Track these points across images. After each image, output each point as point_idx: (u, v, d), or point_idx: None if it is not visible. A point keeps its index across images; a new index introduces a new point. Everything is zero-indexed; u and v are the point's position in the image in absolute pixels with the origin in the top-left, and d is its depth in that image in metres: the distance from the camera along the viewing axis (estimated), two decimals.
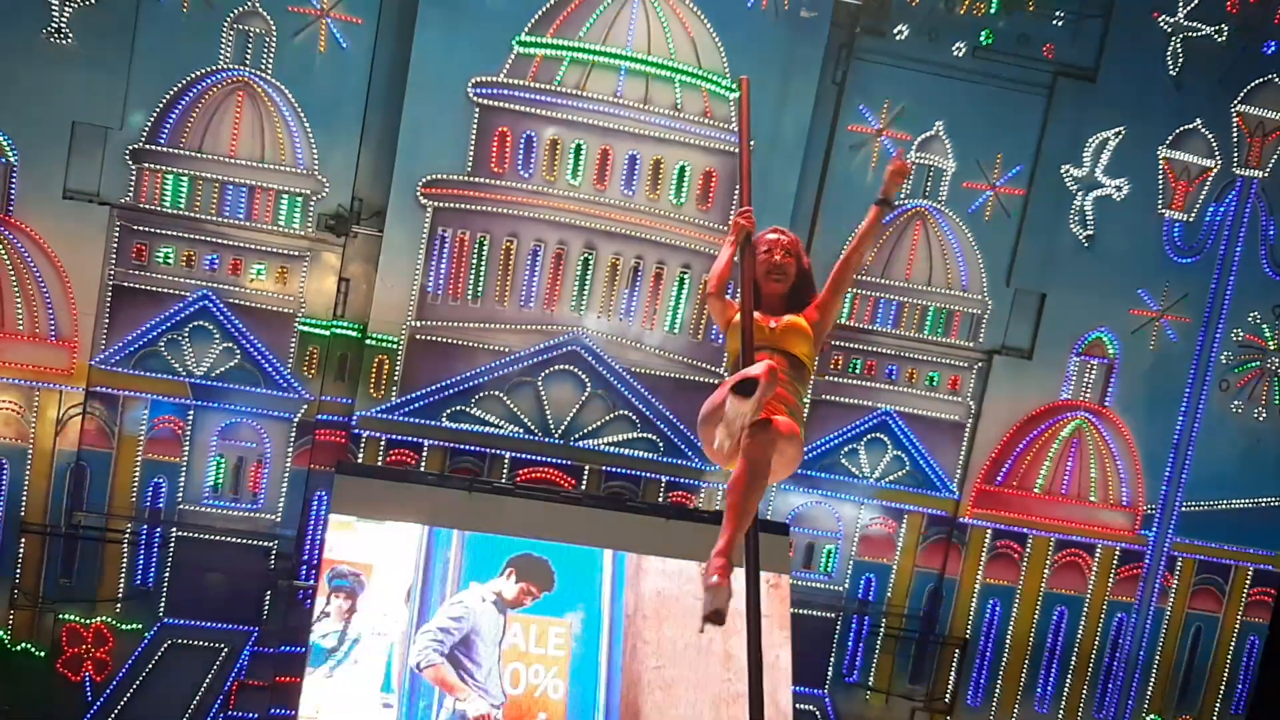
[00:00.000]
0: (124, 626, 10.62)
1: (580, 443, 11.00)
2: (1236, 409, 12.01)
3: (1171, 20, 11.24)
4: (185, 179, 10.35)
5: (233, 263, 10.55)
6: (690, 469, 11.15)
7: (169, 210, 10.36)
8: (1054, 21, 11.08)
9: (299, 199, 10.56)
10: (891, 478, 11.70)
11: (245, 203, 10.48)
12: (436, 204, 10.54)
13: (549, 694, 9.55)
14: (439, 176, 10.50)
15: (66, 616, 10.53)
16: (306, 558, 10.76)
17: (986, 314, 11.58)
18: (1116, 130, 11.36)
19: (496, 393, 10.83)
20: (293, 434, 10.81)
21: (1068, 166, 11.40)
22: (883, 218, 5.51)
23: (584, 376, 10.94)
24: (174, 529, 10.66)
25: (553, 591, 9.83)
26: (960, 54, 11.07)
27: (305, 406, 10.78)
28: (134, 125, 10.16)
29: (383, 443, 10.78)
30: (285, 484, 10.84)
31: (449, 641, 9.43)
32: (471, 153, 10.51)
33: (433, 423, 10.78)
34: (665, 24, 10.56)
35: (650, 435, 11.09)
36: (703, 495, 11.21)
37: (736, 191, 7.76)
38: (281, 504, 10.86)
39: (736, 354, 5.30)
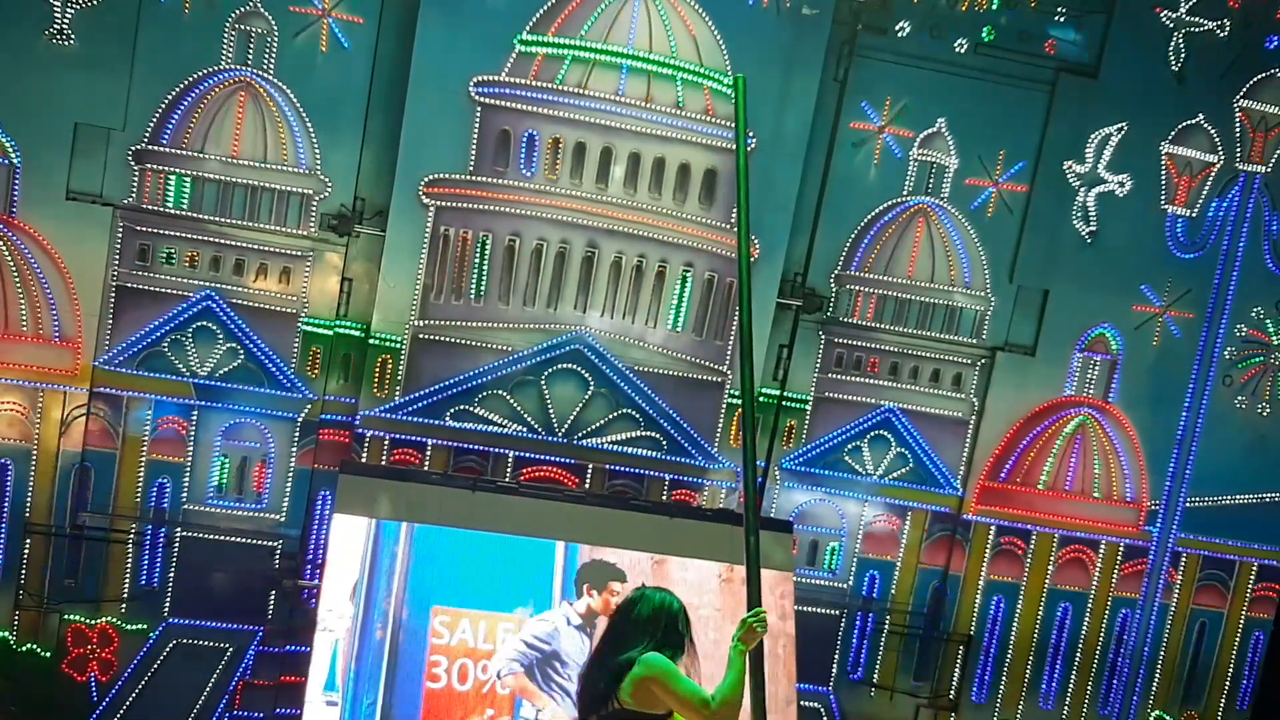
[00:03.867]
0: (129, 627, 10.64)
1: (584, 441, 11.00)
2: (1240, 404, 12.01)
3: (1173, 15, 11.24)
4: (187, 179, 10.37)
5: (235, 262, 10.56)
6: (694, 467, 11.16)
7: (171, 211, 10.37)
8: (1055, 17, 11.10)
9: (301, 199, 10.57)
10: (895, 475, 11.70)
11: (247, 203, 10.49)
12: (439, 203, 10.55)
13: (497, 689, 9.40)
14: (441, 176, 10.51)
15: (71, 617, 10.55)
16: (311, 557, 10.77)
17: (989, 311, 11.59)
18: (1119, 126, 11.36)
19: (500, 392, 10.84)
20: (296, 434, 10.83)
21: (1070, 163, 11.40)
22: None
23: (587, 375, 10.94)
24: (178, 529, 10.67)
25: (626, 580, 9.73)
26: (962, 50, 11.07)
27: (309, 406, 10.79)
28: (135, 126, 10.17)
29: (386, 442, 10.79)
30: (289, 484, 10.86)
31: (532, 656, 9.23)
32: (473, 152, 10.52)
33: (436, 422, 10.79)
34: (666, 22, 10.56)
35: (654, 434, 11.09)
36: (706, 494, 11.21)
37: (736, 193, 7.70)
38: (286, 504, 10.88)
39: None
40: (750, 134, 10.46)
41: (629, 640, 5.55)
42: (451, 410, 10.80)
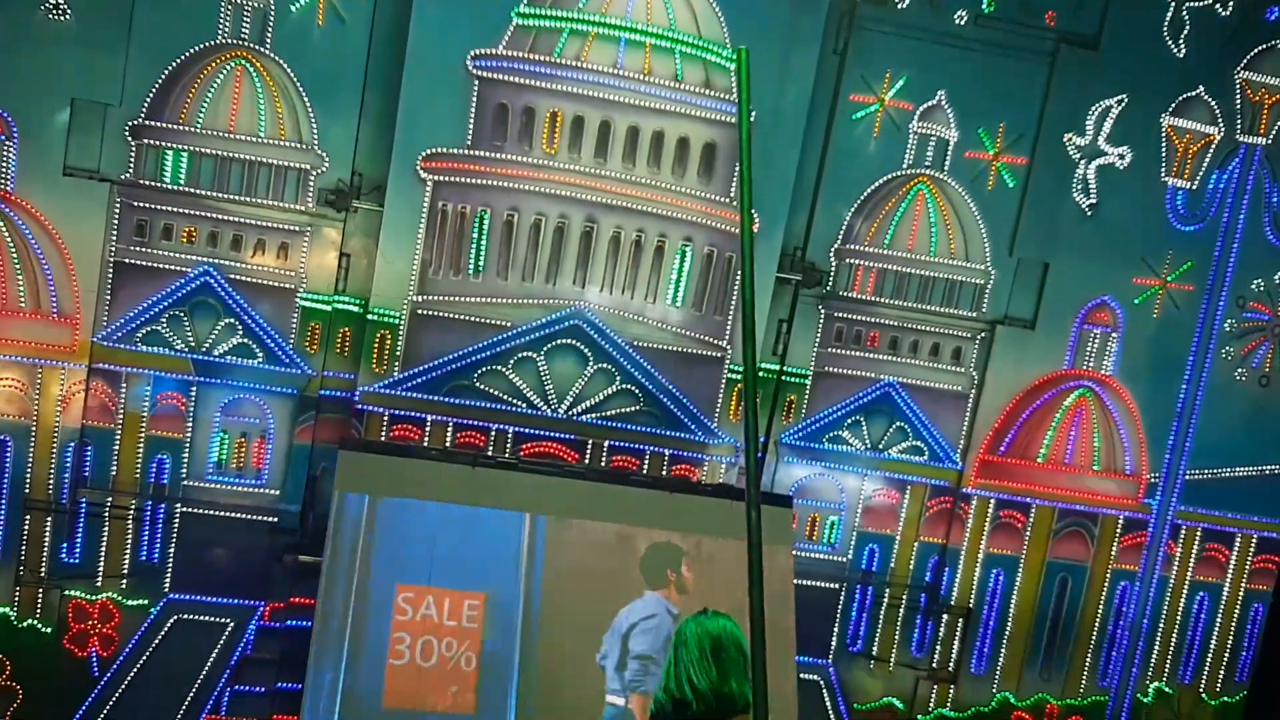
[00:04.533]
0: (129, 602, 10.66)
1: (583, 417, 11.00)
2: (1240, 377, 12.02)
3: None
4: (185, 154, 10.33)
5: (233, 238, 10.54)
6: (694, 442, 11.16)
7: (169, 186, 10.34)
8: None
9: (299, 174, 10.53)
10: (894, 449, 11.71)
11: (245, 178, 10.46)
12: (436, 178, 10.51)
13: (460, 665, 9.39)
14: (439, 150, 10.47)
15: (72, 593, 10.57)
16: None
17: (989, 284, 11.57)
18: (1119, 98, 11.32)
19: (499, 367, 10.82)
20: (295, 409, 10.83)
21: (1070, 135, 11.36)
22: None
23: (586, 351, 10.93)
24: (178, 505, 10.69)
25: (687, 553, 9.76)
26: (962, 22, 11.02)
27: (308, 382, 10.78)
28: (132, 101, 10.12)
29: (385, 418, 10.79)
30: (288, 460, 10.86)
31: (648, 667, 9.13)
32: (471, 126, 10.47)
33: (435, 398, 10.78)
34: None
35: (653, 409, 11.09)
36: (706, 469, 11.22)
37: (738, 168, 7.69)
38: (285, 480, 10.89)
39: None
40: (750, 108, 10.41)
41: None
42: (450, 386, 10.79)
